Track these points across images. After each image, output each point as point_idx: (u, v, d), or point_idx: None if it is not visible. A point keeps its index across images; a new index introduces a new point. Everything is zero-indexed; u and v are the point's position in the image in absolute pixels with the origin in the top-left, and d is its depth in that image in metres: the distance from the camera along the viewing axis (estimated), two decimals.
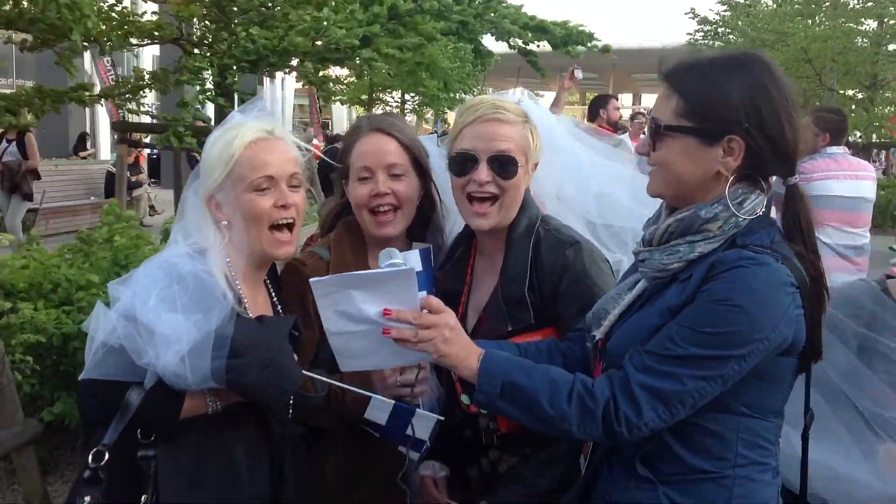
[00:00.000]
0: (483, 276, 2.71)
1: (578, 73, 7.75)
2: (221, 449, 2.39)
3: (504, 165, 2.51)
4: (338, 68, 12.43)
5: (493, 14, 13.83)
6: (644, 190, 2.15)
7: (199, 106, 9.16)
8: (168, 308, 2.21)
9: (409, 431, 2.56)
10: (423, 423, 2.57)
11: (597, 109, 8.91)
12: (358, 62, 10.70)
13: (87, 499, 2.24)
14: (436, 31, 13.09)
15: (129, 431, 2.27)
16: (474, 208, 2.54)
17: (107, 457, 2.26)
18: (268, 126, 2.50)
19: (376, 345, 2.05)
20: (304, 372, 2.37)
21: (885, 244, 6.68)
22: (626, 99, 63.86)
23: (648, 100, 58.53)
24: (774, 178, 2.04)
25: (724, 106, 1.94)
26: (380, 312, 2.01)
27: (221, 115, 10.28)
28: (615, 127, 8.79)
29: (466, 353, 2.05)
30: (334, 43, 9.91)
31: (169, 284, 2.26)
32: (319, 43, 10.09)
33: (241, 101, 10.77)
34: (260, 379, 2.22)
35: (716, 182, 2.00)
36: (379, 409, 2.53)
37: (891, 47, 26.49)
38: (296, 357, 2.38)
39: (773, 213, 2.05)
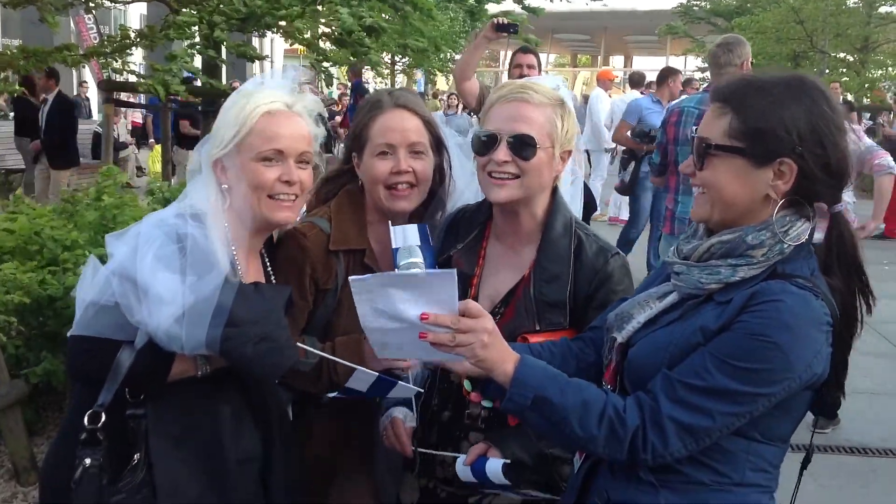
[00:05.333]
0: (499, 263, 2.67)
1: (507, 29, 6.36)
2: (207, 411, 2.40)
3: (523, 146, 2.47)
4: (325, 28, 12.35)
5: None
6: None
7: (187, 59, 9.04)
8: (164, 267, 2.21)
9: (389, 395, 2.60)
10: (405, 391, 2.59)
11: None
12: (362, 49, 10.64)
13: (88, 461, 2.25)
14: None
15: (119, 390, 2.27)
16: (493, 180, 2.51)
17: (103, 418, 2.27)
18: (288, 98, 2.49)
19: (412, 341, 2.02)
20: (297, 345, 2.38)
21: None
22: (617, 61, 63.55)
23: (640, 62, 58.24)
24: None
25: (777, 127, 1.91)
26: (418, 315, 1.97)
27: (210, 68, 10.19)
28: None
29: (503, 359, 2.02)
30: (343, 30, 9.84)
31: (166, 243, 2.25)
32: (328, 30, 10.04)
33: (231, 55, 10.67)
34: (256, 352, 2.23)
35: (763, 206, 1.97)
36: (361, 381, 2.54)
37: (883, 10, 26.39)
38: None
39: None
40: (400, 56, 28.91)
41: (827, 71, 25.31)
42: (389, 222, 2.67)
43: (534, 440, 2.45)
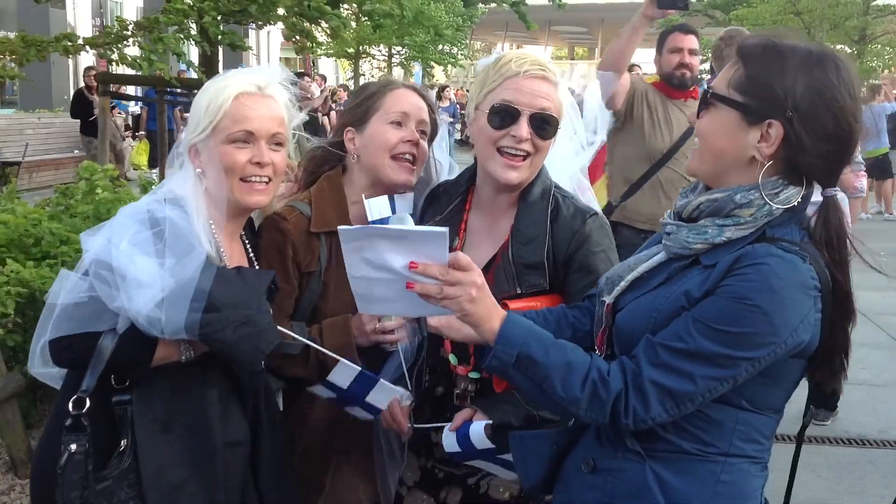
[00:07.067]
0: (481, 233, 2.65)
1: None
2: (193, 396, 2.39)
3: (543, 124, 2.45)
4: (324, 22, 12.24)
5: None
6: None
7: (174, 40, 8.97)
8: (141, 252, 2.20)
9: (367, 399, 2.58)
10: (384, 393, 2.58)
11: None
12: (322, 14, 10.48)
13: (74, 447, 2.23)
14: None
15: (105, 377, 2.27)
16: (506, 160, 2.47)
17: (88, 404, 2.26)
18: (260, 81, 2.48)
19: (398, 294, 1.98)
20: (280, 329, 2.37)
21: None
22: None
23: (638, 54, 58.07)
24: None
25: (775, 88, 1.87)
26: (406, 265, 1.93)
27: (206, 60, 10.16)
28: None
29: (489, 315, 1.97)
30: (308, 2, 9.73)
31: (142, 230, 2.25)
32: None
33: (227, 48, 10.59)
34: (236, 336, 2.21)
35: (751, 167, 1.93)
36: (343, 375, 2.54)
37: (880, 1, 26.38)
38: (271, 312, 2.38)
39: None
40: (398, 49, 28.86)
41: None
42: (363, 195, 2.69)
43: (522, 403, 2.41)
